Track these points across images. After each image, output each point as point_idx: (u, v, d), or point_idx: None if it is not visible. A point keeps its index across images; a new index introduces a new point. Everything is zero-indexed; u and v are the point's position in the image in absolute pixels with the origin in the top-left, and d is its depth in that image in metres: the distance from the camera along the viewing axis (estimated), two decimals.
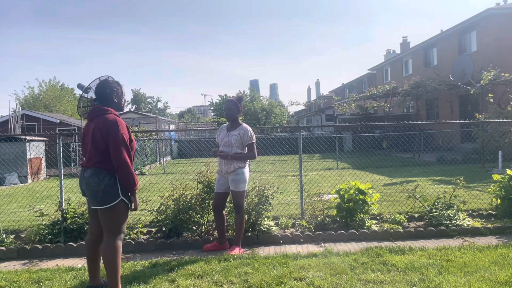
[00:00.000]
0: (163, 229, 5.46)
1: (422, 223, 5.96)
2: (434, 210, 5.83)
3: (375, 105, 25.35)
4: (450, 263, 4.24)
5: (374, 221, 5.91)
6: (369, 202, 5.89)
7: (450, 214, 5.66)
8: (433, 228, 5.45)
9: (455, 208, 5.82)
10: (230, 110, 5.06)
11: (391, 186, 9.66)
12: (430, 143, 18.42)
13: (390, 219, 5.93)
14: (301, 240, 5.36)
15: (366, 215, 5.83)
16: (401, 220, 5.88)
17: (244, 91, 50.71)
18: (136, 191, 3.61)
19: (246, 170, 5.01)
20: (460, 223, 5.52)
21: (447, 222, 5.53)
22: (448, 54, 22.84)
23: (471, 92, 16.16)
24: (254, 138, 5.06)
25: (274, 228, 5.55)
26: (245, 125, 5.09)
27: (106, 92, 3.69)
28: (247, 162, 5.10)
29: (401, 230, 5.43)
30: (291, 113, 58.20)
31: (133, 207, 3.64)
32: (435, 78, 20.79)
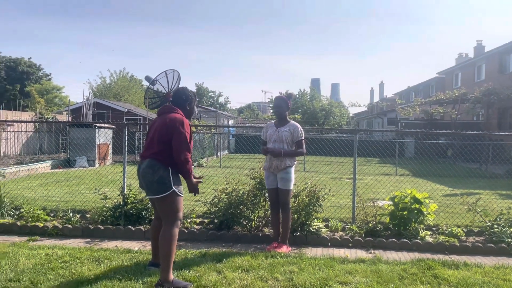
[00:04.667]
0: (215, 221, 5.65)
1: (481, 238, 5.67)
2: (495, 226, 5.52)
3: (441, 111, 24.19)
4: (507, 282, 4.01)
5: (429, 232, 5.69)
6: (425, 212, 5.69)
7: None
8: (492, 245, 5.17)
9: None
10: (280, 107, 5.12)
11: (451, 197, 9.22)
12: (500, 154, 17.25)
13: (447, 232, 5.69)
14: (350, 244, 5.31)
15: (421, 225, 5.65)
16: (459, 234, 5.62)
17: (304, 90, 50.42)
18: (193, 178, 3.88)
19: (293, 169, 5.08)
20: None
21: (509, 240, 5.22)
22: None
23: None
24: (303, 134, 5.09)
25: (323, 230, 5.54)
26: (293, 122, 5.15)
27: (182, 98, 4.06)
28: (295, 160, 5.15)
29: (457, 244, 5.21)
30: (351, 114, 57.02)
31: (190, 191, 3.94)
32: (510, 85, 19.44)
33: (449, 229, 5.72)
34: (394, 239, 5.32)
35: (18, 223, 5.69)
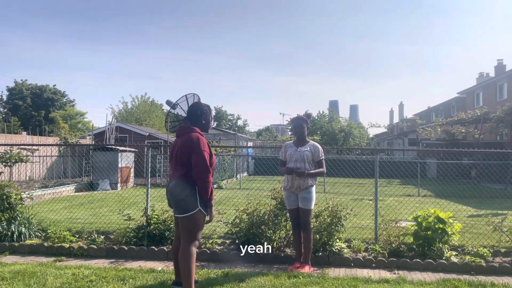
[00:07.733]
0: (237, 241, 5.68)
1: (509, 259, 5.52)
2: None
3: (463, 130, 23.80)
4: None
5: (454, 253, 5.59)
6: (449, 232, 5.60)
7: None
8: None
9: None
10: (301, 127, 5.18)
11: (476, 218, 9.02)
12: None
13: (472, 252, 5.57)
14: (373, 265, 5.25)
15: (446, 245, 5.55)
16: (485, 254, 5.50)
17: (322, 111, 50.49)
18: (213, 203, 3.87)
19: (314, 188, 5.10)
20: None
21: None
22: None
23: None
24: (323, 154, 5.13)
25: (345, 250, 5.50)
26: (312, 141, 5.20)
27: (197, 113, 4.14)
28: (316, 180, 5.17)
29: (484, 264, 5.10)
30: (371, 136, 56.61)
31: (208, 219, 3.91)
32: None
33: (475, 250, 5.61)
34: (418, 260, 5.25)
35: (45, 244, 5.83)
